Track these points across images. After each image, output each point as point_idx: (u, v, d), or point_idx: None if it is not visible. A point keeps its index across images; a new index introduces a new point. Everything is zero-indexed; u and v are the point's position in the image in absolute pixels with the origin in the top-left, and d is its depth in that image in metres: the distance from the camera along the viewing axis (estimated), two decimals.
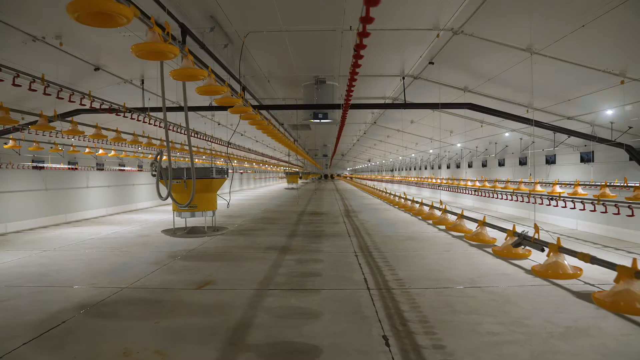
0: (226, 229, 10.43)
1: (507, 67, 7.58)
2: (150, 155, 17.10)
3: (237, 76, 7.25)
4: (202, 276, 6.11)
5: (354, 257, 7.35)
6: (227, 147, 13.60)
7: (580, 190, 8.72)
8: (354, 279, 5.95)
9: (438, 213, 11.72)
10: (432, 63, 8.09)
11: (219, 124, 14.76)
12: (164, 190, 5.87)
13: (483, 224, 8.64)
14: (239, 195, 27.58)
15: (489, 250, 7.78)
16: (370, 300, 4.98)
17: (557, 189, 9.41)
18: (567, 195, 8.99)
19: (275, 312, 4.59)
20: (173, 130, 10.28)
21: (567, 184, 9.82)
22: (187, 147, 14.94)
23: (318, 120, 9.87)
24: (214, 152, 18.44)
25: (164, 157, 8.11)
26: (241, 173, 37.68)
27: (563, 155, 11.54)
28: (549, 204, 9.49)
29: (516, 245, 6.95)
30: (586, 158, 10.47)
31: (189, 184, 5.52)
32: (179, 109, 9.25)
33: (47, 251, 8.01)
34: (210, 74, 5.00)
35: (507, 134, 12.97)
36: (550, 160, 12.24)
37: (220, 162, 25.82)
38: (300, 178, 46.72)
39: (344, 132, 16.15)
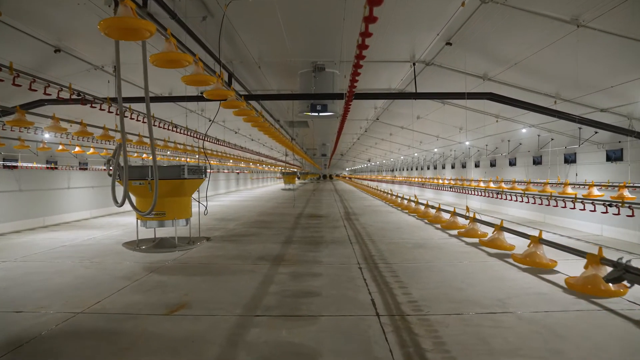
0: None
1: (541, 46, 6.38)
2: (135, 154, 16.00)
3: (217, 55, 6.05)
4: (176, 296, 5.11)
5: (357, 270, 6.35)
6: (204, 140, 12.00)
7: (626, 193, 7.52)
8: (359, 300, 4.95)
9: (463, 221, 9.74)
10: (450, 44, 6.95)
11: (210, 121, 13.70)
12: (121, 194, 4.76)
13: (539, 240, 6.33)
14: (234, 196, 26.61)
15: (511, 260, 6.75)
16: (381, 332, 3.96)
17: (595, 191, 8.28)
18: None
19: (261, 352, 3.57)
20: (144, 122, 9.13)
21: (608, 186, 8.56)
22: (170, 145, 13.79)
23: (316, 114, 8.73)
24: (202, 151, 17.29)
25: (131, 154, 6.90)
26: (238, 173, 36.75)
27: (585, 153, 10.51)
28: (583, 208, 7.96)
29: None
30: (614, 156, 9.43)
31: (154, 186, 4.47)
32: (152, 99, 8.01)
33: (7, 262, 6.99)
34: (170, 37, 3.87)
35: (524, 130, 11.85)
36: (570, 159, 11.23)
37: (214, 162, 24.78)
38: (298, 178, 45.59)
39: (344, 129, 15.12)
